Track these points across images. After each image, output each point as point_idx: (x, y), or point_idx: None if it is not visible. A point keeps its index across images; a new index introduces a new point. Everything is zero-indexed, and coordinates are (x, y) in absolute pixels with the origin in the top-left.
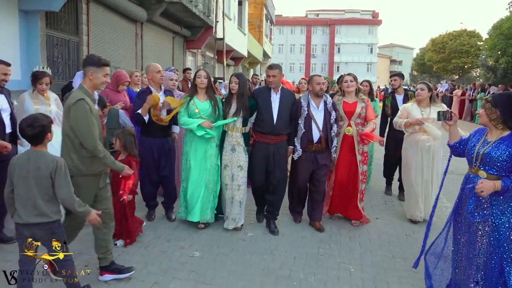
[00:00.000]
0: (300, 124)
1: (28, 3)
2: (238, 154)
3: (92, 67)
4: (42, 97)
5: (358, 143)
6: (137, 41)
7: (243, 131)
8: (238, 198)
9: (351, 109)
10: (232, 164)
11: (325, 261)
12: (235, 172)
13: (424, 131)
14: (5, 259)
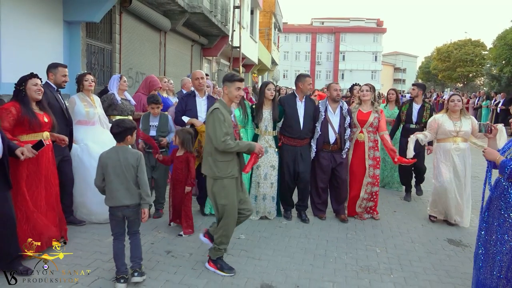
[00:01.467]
0: (317, 127)
1: (72, 15)
2: (270, 155)
3: (227, 82)
4: (89, 100)
5: (369, 149)
6: (161, 49)
7: (273, 134)
8: (271, 194)
9: (364, 118)
10: (265, 164)
11: (353, 243)
12: (268, 171)
13: (455, 141)
14: (81, 237)
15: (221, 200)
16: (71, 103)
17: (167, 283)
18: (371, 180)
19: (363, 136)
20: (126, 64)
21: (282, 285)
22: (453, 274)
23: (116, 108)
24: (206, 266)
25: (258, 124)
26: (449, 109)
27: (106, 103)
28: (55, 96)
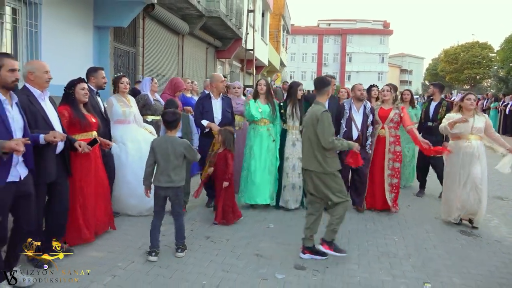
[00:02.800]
0: (342, 124)
1: (101, 20)
2: (297, 148)
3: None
4: (125, 100)
5: (390, 144)
6: (179, 52)
7: (300, 129)
8: (299, 183)
9: (385, 114)
10: (293, 156)
11: (372, 233)
12: (296, 163)
13: (467, 138)
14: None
15: (337, 190)
16: (108, 104)
17: (211, 263)
18: (391, 172)
19: (384, 132)
20: (148, 66)
21: (313, 266)
22: (466, 260)
23: (150, 108)
24: (319, 248)
25: (287, 120)
26: (464, 107)
27: (140, 104)
28: (95, 99)
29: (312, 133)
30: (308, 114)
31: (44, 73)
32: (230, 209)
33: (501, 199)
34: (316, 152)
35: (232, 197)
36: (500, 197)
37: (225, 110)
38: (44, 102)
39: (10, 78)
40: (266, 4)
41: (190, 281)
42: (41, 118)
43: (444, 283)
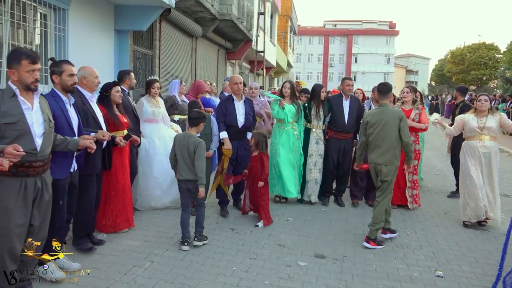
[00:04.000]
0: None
1: (122, 24)
2: (320, 146)
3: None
4: (154, 101)
5: None
6: (192, 53)
7: (322, 128)
8: (320, 179)
9: (407, 114)
10: (316, 153)
11: (395, 225)
12: (318, 160)
13: (480, 139)
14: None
15: (392, 181)
16: (139, 104)
17: (238, 251)
18: (411, 169)
19: None
20: (164, 68)
21: (332, 255)
22: (475, 251)
23: (177, 108)
24: (365, 245)
25: (311, 120)
26: (477, 109)
27: (168, 104)
28: (127, 98)
29: (394, 131)
30: (383, 115)
31: (95, 78)
32: (267, 207)
33: (507, 196)
34: (396, 147)
35: (267, 198)
36: (506, 195)
37: (248, 113)
38: (93, 103)
39: (69, 81)
40: (274, 6)
41: (221, 267)
42: (91, 117)
43: (454, 270)
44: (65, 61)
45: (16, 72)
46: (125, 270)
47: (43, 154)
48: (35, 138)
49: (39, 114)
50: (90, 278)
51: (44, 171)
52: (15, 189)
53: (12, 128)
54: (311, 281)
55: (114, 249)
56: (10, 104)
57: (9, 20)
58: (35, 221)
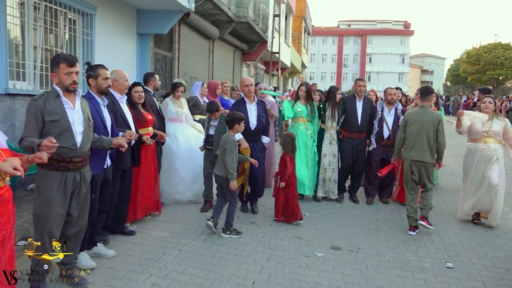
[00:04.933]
0: (374, 124)
1: (144, 28)
2: (333, 146)
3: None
4: (178, 102)
5: None
6: (209, 55)
7: (336, 128)
8: (334, 177)
9: None
10: (329, 153)
11: (399, 221)
12: (331, 159)
13: (486, 142)
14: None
15: (432, 178)
16: (164, 104)
17: (259, 243)
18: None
19: None
20: (182, 70)
21: (347, 247)
22: (484, 245)
23: (199, 108)
24: (421, 223)
25: (326, 120)
26: (481, 111)
27: (191, 104)
28: (152, 99)
29: (432, 131)
30: (424, 115)
31: (125, 81)
32: (290, 210)
33: None
34: (432, 146)
35: (292, 198)
36: None
37: (260, 115)
38: (123, 104)
39: (104, 84)
40: (289, 7)
41: (244, 256)
42: (120, 117)
43: (464, 262)
44: (100, 66)
45: (56, 75)
46: (156, 257)
47: (82, 150)
48: (76, 135)
49: (79, 114)
50: (126, 264)
51: (83, 167)
52: (57, 181)
53: (55, 125)
54: (327, 269)
55: (144, 238)
56: (54, 103)
57: (43, 26)
58: (73, 212)
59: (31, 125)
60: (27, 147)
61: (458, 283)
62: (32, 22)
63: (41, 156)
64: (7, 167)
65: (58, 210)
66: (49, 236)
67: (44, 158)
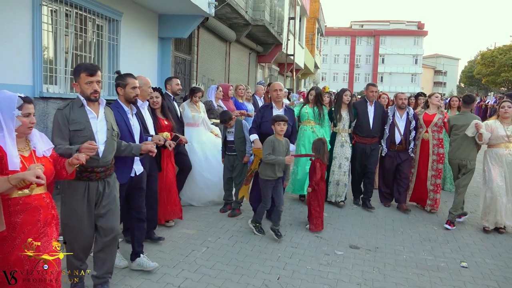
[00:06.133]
0: (386, 130)
1: (165, 32)
2: (345, 149)
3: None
4: (196, 107)
5: (433, 146)
6: (226, 58)
7: (349, 131)
8: (344, 181)
9: (429, 119)
10: (341, 156)
11: (414, 222)
12: (343, 162)
13: (508, 147)
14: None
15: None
16: (181, 108)
17: (281, 241)
18: (435, 173)
19: (427, 135)
20: (201, 72)
21: (365, 246)
22: (498, 246)
23: (213, 112)
24: (446, 226)
25: (337, 123)
26: (500, 115)
27: (206, 108)
28: (172, 103)
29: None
30: (467, 120)
31: (148, 88)
32: (318, 214)
33: None
34: (475, 146)
35: (318, 204)
36: None
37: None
38: (144, 110)
39: (132, 94)
40: (303, 9)
41: (268, 253)
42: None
43: (478, 262)
44: (129, 75)
45: (78, 84)
46: (185, 253)
47: (105, 160)
48: (98, 144)
49: (103, 123)
50: (158, 259)
51: (107, 176)
52: (80, 191)
53: (79, 134)
54: (347, 267)
55: (172, 236)
56: (79, 113)
57: (73, 32)
58: (99, 221)
59: (59, 134)
60: (63, 154)
61: (473, 282)
62: (64, 29)
63: (79, 157)
64: (30, 176)
65: (83, 219)
66: (79, 245)
67: (82, 159)
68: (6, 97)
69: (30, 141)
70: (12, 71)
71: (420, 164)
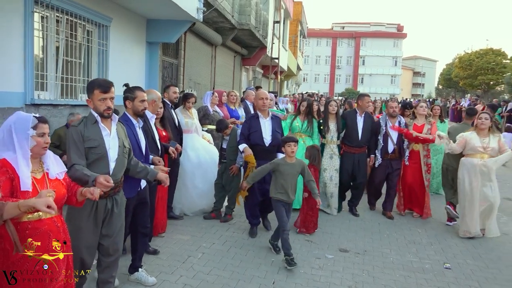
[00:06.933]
0: (379, 140)
1: (153, 37)
2: (334, 161)
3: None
4: (189, 113)
5: (424, 157)
6: (212, 61)
7: (337, 143)
8: (336, 192)
9: (419, 130)
10: (331, 168)
11: (400, 225)
12: (333, 174)
13: (483, 157)
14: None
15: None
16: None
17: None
18: (426, 183)
19: (418, 146)
20: (187, 76)
21: (354, 249)
22: (478, 247)
23: (208, 118)
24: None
25: (325, 135)
26: (477, 127)
27: (201, 114)
28: (169, 111)
29: None
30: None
31: (159, 102)
32: (311, 218)
33: (509, 200)
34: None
35: (313, 208)
36: (508, 198)
37: (275, 130)
38: (152, 123)
39: (141, 107)
40: (287, 12)
41: (261, 257)
42: (151, 137)
43: (460, 263)
44: (138, 88)
45: (91, 101)
46: (182, 259)
47: (115, 177)
48: (110, 162)
49: (115, 140)
50: (156, 265)
51: (116, 194)
52: (87, 209)
53: (93, 151)
54: (338, 270)
55: (168, 242)
56: (93, 130)
57: (64, 39)
58: (105, 241)
59: (77, 151)
60: (78, 178)
61: (456, 282)
62: (55, 35)
63: (94, 192)
64: (40, 205)
65: (88, 238)
66: (81, 264)
67: (97, 195)
68: (21, 118)
69: (44, 163)
70: (4, 78)
71: (412, 174)
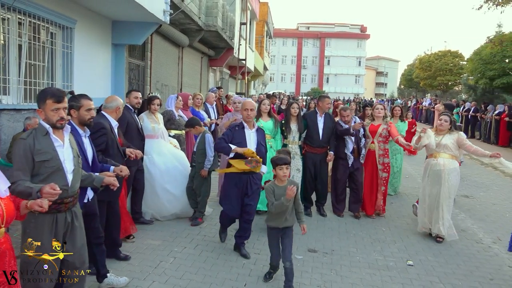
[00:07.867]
0: (346, 139)
1: (119, 39)
2: (296, 161)
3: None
4: (155, 118)
5: (379, 156)
6: (179, 63)
7: (298, 143)
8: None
9: (374, 129)
10: (292, 168)
11: (365, 225)
12: (295, 174)
13: (436, 157)
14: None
15: None
16: (140, 119)
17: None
18: (380, 182)
19: (374, 146)
20: (154, 77)
21: (322, 249)
22: (438, 244)
23: (174, 123)
24: None
25: (287, 136)
26: (437, 127)
27: (165, 118)
28: (132, 116)
29: None
30: None
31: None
32: None
33: (466, 197)
34: None
35: None
36: (466, 196)
37: (260, 143)
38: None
39: (87, 116)
40: (253, 13)
41: (233, 261)
42: (115, 145)
43: (422, 260)
44: (84, 96)
45: (42, 111)
46: (154, 265)
47: (73, 189)
48: (67, 174)
49: (69, 151)
50: (128, 272)
51: (74, 206)
52: (47, 225)
53: (46, 165)
54: (307, 270)
55: (139, 248)
56: (44, 142)
57: (27, 42)
58: (69, 257)
59: (22, 166)
60: (21, 192)
61: (418, 278)
62: (17, 38)
63: (42, 204)
64: None
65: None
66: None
67: (45, 206)
68: None
69: None
70: None
71: (367, 174)
